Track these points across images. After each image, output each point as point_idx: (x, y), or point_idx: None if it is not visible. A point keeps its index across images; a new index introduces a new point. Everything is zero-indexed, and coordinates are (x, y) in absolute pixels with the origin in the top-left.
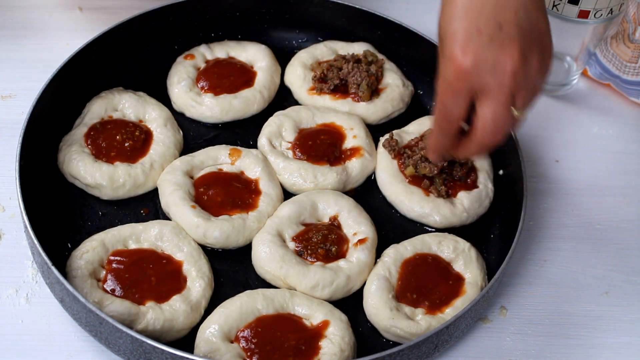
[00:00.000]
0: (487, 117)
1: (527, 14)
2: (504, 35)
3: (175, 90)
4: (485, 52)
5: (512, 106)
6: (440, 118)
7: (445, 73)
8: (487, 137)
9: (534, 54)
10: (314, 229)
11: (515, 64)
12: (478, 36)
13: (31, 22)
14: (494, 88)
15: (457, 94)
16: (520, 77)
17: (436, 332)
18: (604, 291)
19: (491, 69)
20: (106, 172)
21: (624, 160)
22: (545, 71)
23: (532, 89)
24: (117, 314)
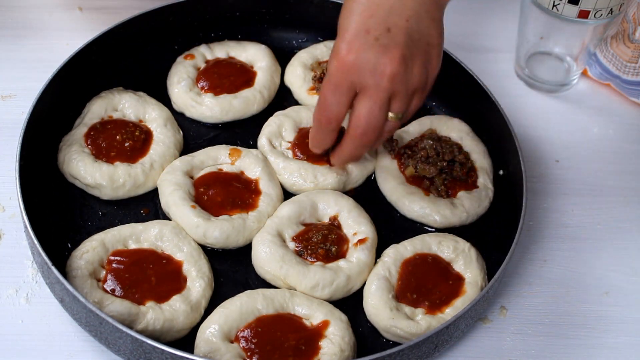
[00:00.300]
0: (360, 113)
1: (418, 23)
2: (390, 39)
3: (175, 90)
4: (369, 51)
5: (388, 110)
6: (318, 112)
7: (330, 67)
8: (358, 134)
9: (416, 62)
10: (314, 229)
11: (395, 67)
12: (365, 35)
13: (31, 22)
14: (372, 87)
15: (337, 88)
16: (398, 81)
17: (436, 332)
18: (604, 291)
19: (371, 69)
20: (106, 172)
21: (624, 160)
22: (426, 81)
23: (409, 95)
24: (117, 314)
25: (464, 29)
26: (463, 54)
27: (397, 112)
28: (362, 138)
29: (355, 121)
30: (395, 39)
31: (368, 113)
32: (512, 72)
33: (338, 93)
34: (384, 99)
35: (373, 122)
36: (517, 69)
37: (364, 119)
